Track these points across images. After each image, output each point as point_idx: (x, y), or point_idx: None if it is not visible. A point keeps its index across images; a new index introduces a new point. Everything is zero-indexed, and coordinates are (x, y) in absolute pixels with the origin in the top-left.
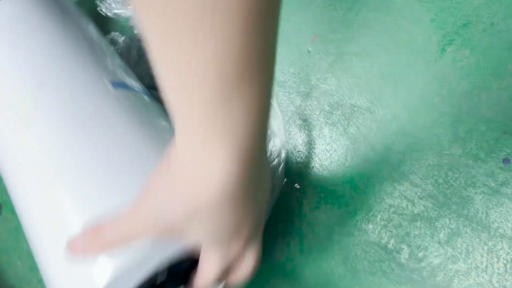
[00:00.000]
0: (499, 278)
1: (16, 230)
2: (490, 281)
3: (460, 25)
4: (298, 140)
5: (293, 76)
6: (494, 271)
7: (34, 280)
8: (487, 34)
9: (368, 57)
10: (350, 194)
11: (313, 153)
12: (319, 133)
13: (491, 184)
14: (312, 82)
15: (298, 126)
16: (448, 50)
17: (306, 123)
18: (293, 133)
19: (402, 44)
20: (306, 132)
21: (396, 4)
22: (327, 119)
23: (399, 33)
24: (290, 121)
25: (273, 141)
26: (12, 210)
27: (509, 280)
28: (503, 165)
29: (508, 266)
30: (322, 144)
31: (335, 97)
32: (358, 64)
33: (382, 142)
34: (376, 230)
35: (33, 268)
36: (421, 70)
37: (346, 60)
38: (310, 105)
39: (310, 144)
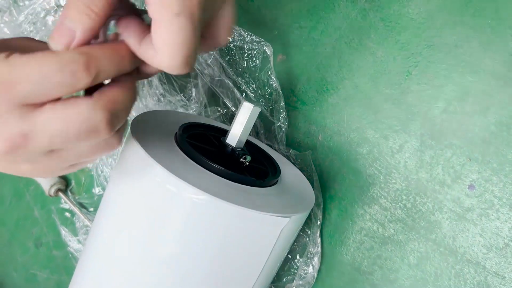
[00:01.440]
0: None
1: (9, 243)
2: None
3: (424, 46)
4: None
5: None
6: None
7: None
8: (451, 57)
9: (333, 77)
10: (322, 215)
11: None
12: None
13: (458, 209)
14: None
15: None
16: (413, 72)
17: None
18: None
19: (367, 65)
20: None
21: (360, 24)
22: (297, 140)
23: (365, 54)
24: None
25: None
26: (3, 223)
27: None
28: (468, 191)
29: None
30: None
31: (304, 118)
32: (322, 85)
33: (351, 165)
34: (349, 252)
35: (29, 279)
36: (387, 93)
37: (313, 80)
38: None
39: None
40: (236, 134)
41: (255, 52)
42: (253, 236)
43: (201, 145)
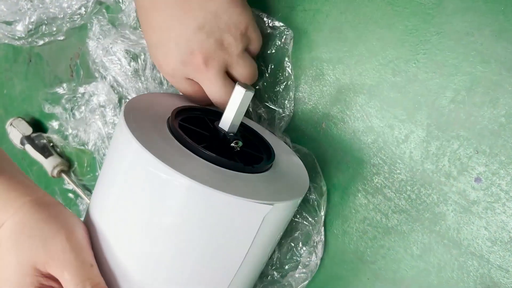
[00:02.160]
0: None
1: None
2: None
3: (433, 33)
4: None
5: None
6: (464, 286)
7: None
8: (462, 45)
9: (339, 63)
10: (325, 205)
11: None
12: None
13: (463, 202)
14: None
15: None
16: (421, 60)
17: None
18: None
19: (374, 51)
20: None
21: (367, 8)
22: (301, 127)
23: (371, 40)
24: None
25: None
26: None
27: None
28: (474, 184)
29: (477, 282)
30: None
31: (308, 105)
32: (330, 71)
33: (355, 154)
34: (353, 241)
35: None
36: (394, 81)
37: (318, 66)
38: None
39: None
40: (229, 119)
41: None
42: (235, 222)
43: (195, 129)
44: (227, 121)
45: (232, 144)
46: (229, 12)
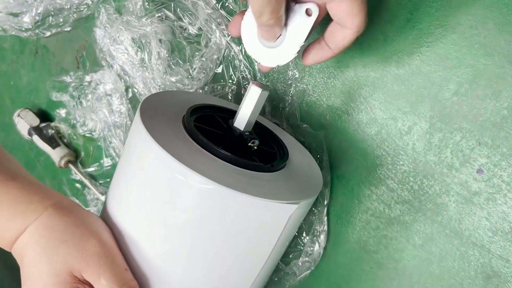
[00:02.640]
0: (469, 282)
1: None
2: (461, 284)
3: (437, 26)
4: None
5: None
6: (465, 275)
7: None
8: (465, 38)
9: (343, 56)
10: (328, 195)
11: None
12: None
13: (465, 193)
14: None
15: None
16: (424, 53)
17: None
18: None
19: (377, 44)
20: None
21: (371, 1)
22: (306, 119)
23: (375, 33)
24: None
25: None
26: None
27: (478, 285)
28: (476, 175)
29: (478, 271)
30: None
31: (312, 97)
32: (333, 63)
33: (359, 145)
34: (355, 231)
35: None
36: (397, 73)
37: None
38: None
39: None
40: (244, 118)
41: None
42: (261, 223)
43: (209, 129)
44: (242, 120)
45: (250, 144)
46: None
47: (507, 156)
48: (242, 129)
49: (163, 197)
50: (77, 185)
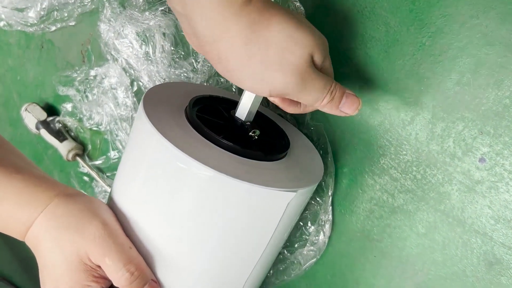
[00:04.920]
0: (472, 269)
1: None
2: (464, 271)
3: (439, 16)
4: None
5: None
6: (468, 263)
7: None
8: (467, 28)
9: (345, 48)
10: (333, 185)
11: None
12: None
13: (467, 182)
14: None
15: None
16: (426, 43)
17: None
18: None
19: (380, 35)
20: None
21: None
22: None
23: (377, 24)
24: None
25: None
26: None
27: (481, 271)
28: (479, 164)
29: (480, 258)
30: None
31: None
32: (336, 55)
33: (362, 136)
34: (359, 220)
35: None
36: (400, 64)
37: None
38: None
39: None
40: (245, 108)
41: None
42: (260, 210)
43: (212, 119)
44: (243, 111)
45: (251, 134)
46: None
47: (509, 145)
48: (243, 119)
49: (163, 183)
50: (85, 177)
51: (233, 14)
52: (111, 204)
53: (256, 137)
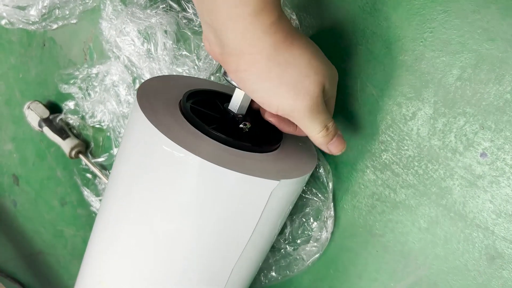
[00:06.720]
0: (474, 263)
1: (35, 201)
2: (466, 265)
3: (440, 12)
4: None
5: None
6: (470, 257)
7: (60, 245)
8: (468, 23)
9: (347, 43)
10: (334, 181)
11: None
12: None
13: (469, 176)
14: None
15: None
16: (428, 39)
17: None
18: None
19: (381, 31)
20: None
21: None
22: None
23: (379, 19)
24: None
25: None
26: (29, 182)
27: (483, 265)
28: (480, 159)
29: (482, 252)
30: None
31: None
32: (337, 51)
33: (364, 131)
34: (362, 216)
35: (56, 235)
36: (401, 59)
37: (322, 40)
38: None
39: None
40: (237, 101)
41: None
42: (245, 198)
43: (206, 111)
44: (236, 103)
45: (241, 126)
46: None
47: (510, 139)
48: (235, 112)
49: (151, 170)
50: (88, 175)
51: (262, 32)
52: (106, 194)
53: (247, 130)
